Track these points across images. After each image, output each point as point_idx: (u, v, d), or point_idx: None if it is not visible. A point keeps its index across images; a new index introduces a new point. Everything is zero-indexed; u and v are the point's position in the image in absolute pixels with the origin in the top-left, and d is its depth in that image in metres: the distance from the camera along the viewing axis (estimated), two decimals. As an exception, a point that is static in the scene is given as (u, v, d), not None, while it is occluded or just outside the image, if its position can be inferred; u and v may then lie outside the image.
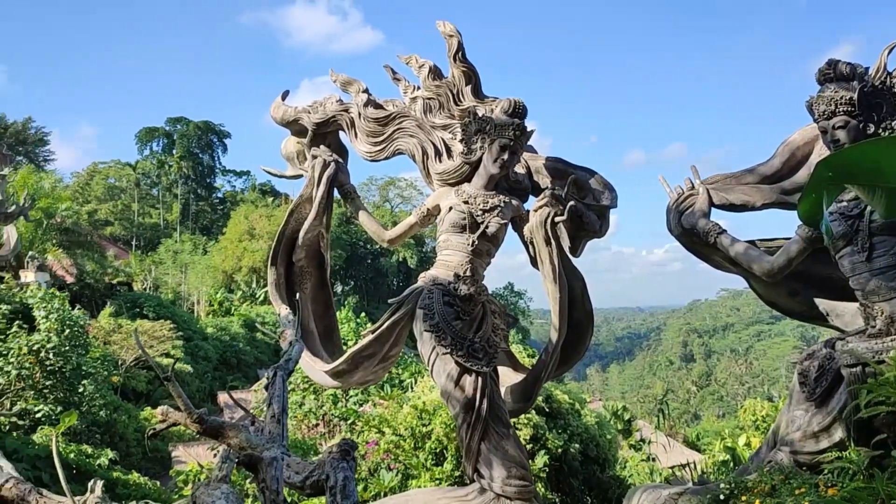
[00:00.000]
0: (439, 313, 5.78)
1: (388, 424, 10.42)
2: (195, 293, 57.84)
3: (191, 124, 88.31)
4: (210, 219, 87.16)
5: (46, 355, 16.27)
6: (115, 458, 16.87)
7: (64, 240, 40.15)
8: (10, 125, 72.96)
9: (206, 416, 3.27)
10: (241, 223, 64.42)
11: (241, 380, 38.21)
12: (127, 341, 28.49)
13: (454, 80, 6.57)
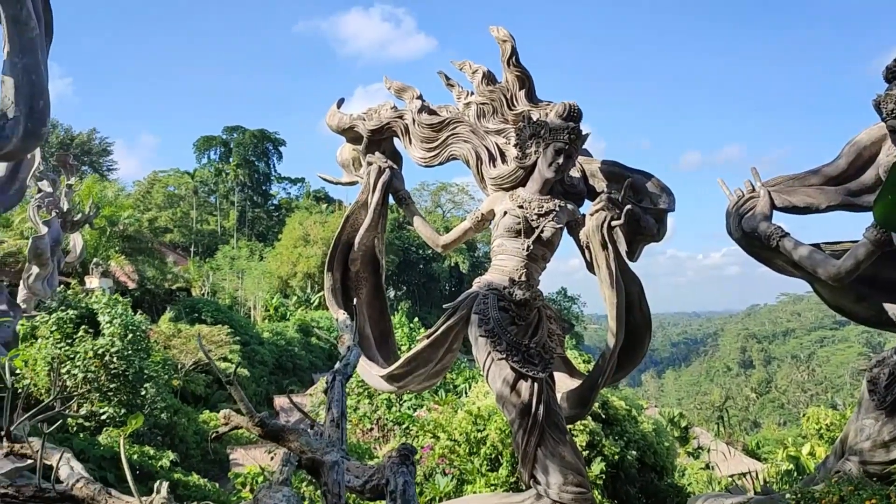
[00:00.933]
0: (494, 319, 5.77)
1: (442, 429, 10.44)
2: (251, 298, 58.85)
3: (247, 133, 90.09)
4: (266, 225, 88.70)
5: (111, 359, 16.78)
6: (176, 460, 17.29)
7: (126, 247, 41.32)
8: (76, 136, 75.69)
9: (268, 419, 3.32)
10: (296, 229, 65.39)
11: (296, 384, 38.71)
12: (186, 345, 29.15)
13: (508, 84, 6.56)
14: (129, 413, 16.68)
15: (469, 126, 6.59)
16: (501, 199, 6.19)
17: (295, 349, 43.10)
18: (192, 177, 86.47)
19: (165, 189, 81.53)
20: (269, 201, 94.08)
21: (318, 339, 47.73)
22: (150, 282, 41.43)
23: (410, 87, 7.10)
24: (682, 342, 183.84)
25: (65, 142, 70.00)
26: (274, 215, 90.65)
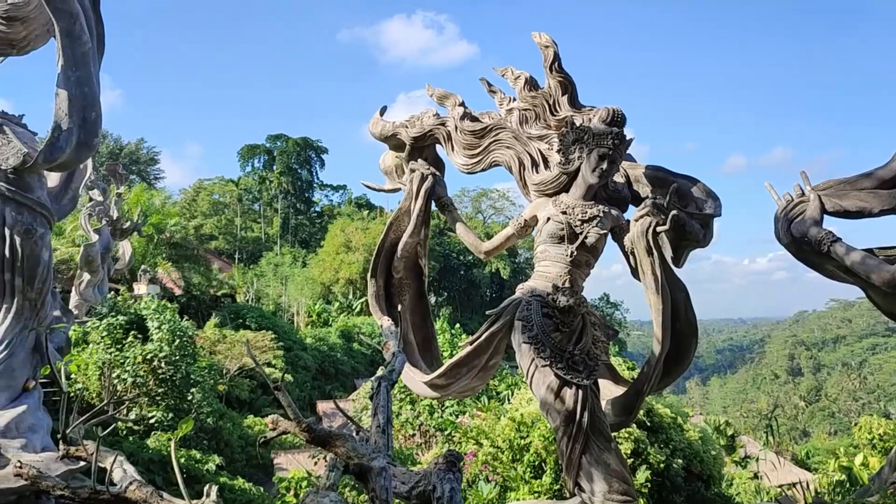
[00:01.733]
0: (538, 325, 5.74)
1: (485, 436, 10.42)
2: (294, 304, 59.55)
3: (290, 141, 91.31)
4: (308, 232, 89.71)
5: (159, 364, 17.12)
6: (222, 464, 17.56)
7: (173, 254, 42.17)
8: (125, 146, 77.55)
9: (314, 425, 3.35)
10: (338, 236, 66.05)
11: (338, 389, 39.05)
12: (231, 351, 29.60)
13: (550, 90, 6.53)
14: (176, 417, 17.02)
15: (511, 132, 6.58)
16: (544, 204, 6.17)
17: (337, 354, 43.49)
18: (237, 185, 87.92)
19: (210, 197, 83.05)
20: (311, 208, 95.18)
21: (359, 345, 48.06)
22: (196, 288, 42.21)
23: (453, 95, 7.12)
24: (727, 349, 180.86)
25: (114, 151, 71.75)
26: (316, 222, 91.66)
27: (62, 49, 8.16)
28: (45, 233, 9.33)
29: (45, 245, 9.30)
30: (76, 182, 11.08)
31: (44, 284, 9.44)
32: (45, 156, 8.55)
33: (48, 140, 8.47)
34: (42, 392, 9.96)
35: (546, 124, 6.56)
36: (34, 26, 8.96)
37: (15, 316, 9.25)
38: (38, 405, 9.52)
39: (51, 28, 8.49)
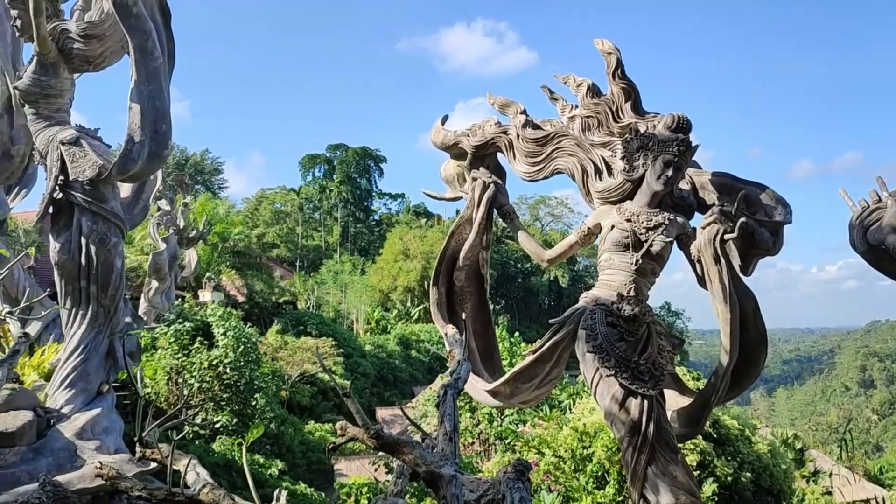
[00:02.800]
0: (602, 334, 5.69)
1: (547, 445, 10.34)
2: (354, 312, 60.15)
3: (349, 150, 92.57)
4: (367, 240, 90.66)
5: (224, 370, 17.50)
6: (284, 469, 17.83)
7: (236, 261, 43.07)
8: (191, 157, 79.75)
9: (382, 432, 3.39)
10: (396, 244, 66.54)
11: (397, 396, 39.25)
12: (292, 357, 30.05)
13: (613, 96, 6.49)
14: (240, 422, 17.36)
15: (574, 139, 6.54)
16: (608, 212, 6.11)
17: (396, 362, 43.72)
18: (298, 194, 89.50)
19: (272, 206, 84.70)
20: (370, 217, 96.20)
21: (418, 353, 48.29)
22: (259, 295, 43.01)
23: (514, 102, 7.13)
24: (794, 359, 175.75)
25: (180, 162, 73.78)
26: (375, 230, 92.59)
27: (135, 64, 8.46)
28: (119, 242, 9.66)
29: (118, 253, 9.64)
30: (147, 192, 11.47)
31: (117, 291, 9.78)
32: (119, 167, 8.87)
33: (122, 152, 8.79)
34: (115, 395, 10.31)
35: (609, 131, 6.51)
36: (109, 43, 9.31)
37: (90, 322, 9.61)
38: (112, 408, 9.85)
39: (125, 44, 8.81)
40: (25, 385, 9.70)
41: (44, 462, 7.88)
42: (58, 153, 9.16)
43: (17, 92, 9.56)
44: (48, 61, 9.26)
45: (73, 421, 8.87)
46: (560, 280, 73.37)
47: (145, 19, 8.22)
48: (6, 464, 7.60)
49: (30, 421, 8.22)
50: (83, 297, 9.53)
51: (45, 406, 9.01)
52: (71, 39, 9.18)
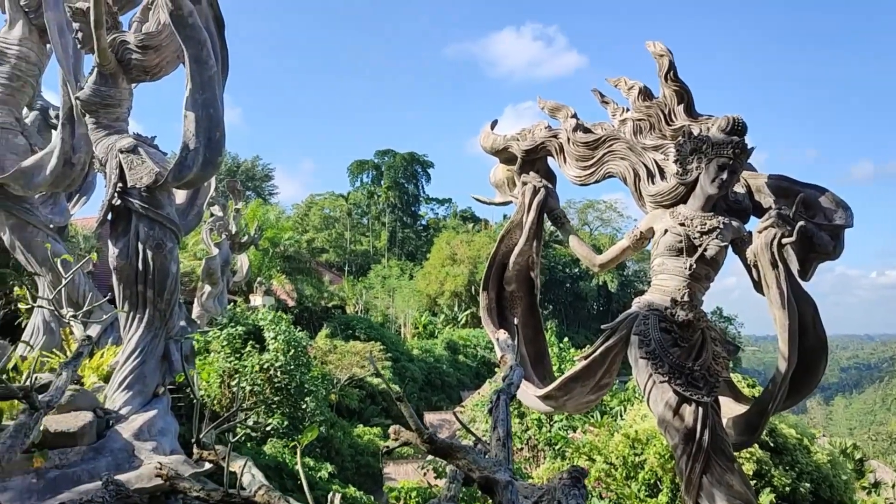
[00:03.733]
0: (655, 340, 5.61)
1: (598, 452, 10.23)
2: (402, 316, 60.44)
3: (397, 156, 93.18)
4: (415, 245, 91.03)
5: (275, 373, 17.73)
6: (334, 472, 17.98)
7: (286, 266, 43.67)
8: (242, 163, 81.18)
9: (436, 436, 3.38)
10: (444, 249, 66.64)
11: (444, 401, 39.28)
12: (341, 361, 30.31)
13: (665, 99, 6.40)
14: (291, 425, 17.56)
15: (625, 143, 6.47)
16: (661, 216, 6.03)
17: (443, 366, 43.76)
18: (346, 199, 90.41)
19: (321, 211, 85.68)
20: (417, 222, 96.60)
21: (465, 357, 48.27)
22: (308, 300, 43.52)
23: (564, 106, 7.09)
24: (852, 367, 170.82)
25: (232, 169, 75.14)
26: (422, 235, 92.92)
27: (190, 74, 8.65)
28: (174, 247, 9.87)
29: (173, 259, 9.85)
30: (201, 199, 11.70)
31: (172, 296, 9.99)
32: (175, 174, 9.07)
33: (177, 159, 8.99)
34: (170, 398, 10.52)
35: (661, 134, 6.43)
36: (166, 54, 9.54)
37: (147, 325, 9.83)
38: (167, 410, 10.06)
39: (180, 55, 9.02)
40: (86, 386, 9.97)
41: (103, 462, 8.07)
42: (117, 161, 9.41)
43: (79, 102, 9.85)
44: (108, 72, 9.52)
45: (131, 422, 9.08)
46: (609, 285, 72.61)
47: (200, 29, 8.40)
48: (68, 462, 7.80)
49: (90, 421, 8.44)
50: (140, 301, 9.76)
51: (104, 407, 9.25)
52: (129, 50, 9.43)
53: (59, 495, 7.04)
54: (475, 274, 61.07)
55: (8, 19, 12.63)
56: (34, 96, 13.45)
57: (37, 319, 13.15)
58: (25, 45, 12.59)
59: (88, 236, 27.98)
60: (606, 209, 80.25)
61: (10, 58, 12.52)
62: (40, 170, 11.55)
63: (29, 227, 12.67)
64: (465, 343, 50.46)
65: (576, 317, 75.65)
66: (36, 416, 3.65)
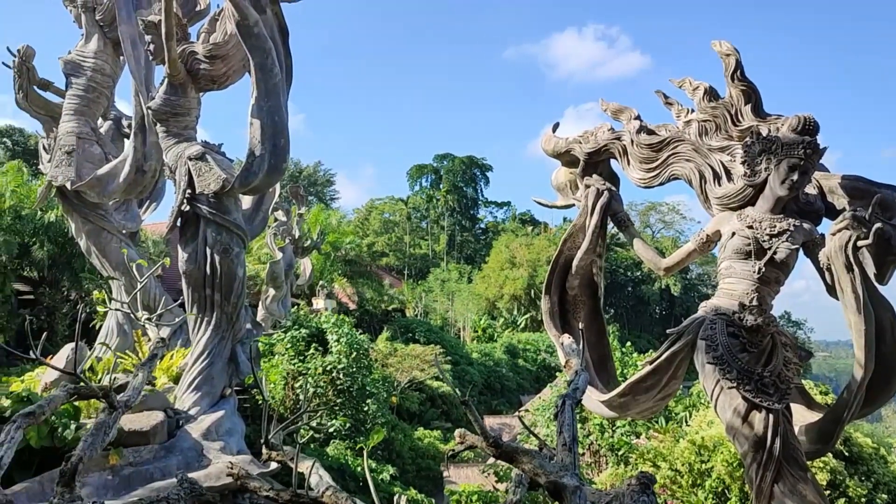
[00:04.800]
0: (723, 345, 5.49)
1: (663, 458, 10.05)
2: (461, 319, 60.52)
3: (456, 160, 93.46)
4: (473, 248, 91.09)
5: (337, 375, 17.95)
6: (395, 474, 18.09)
7: (347, 270, 44.20)
8: (304, 169, 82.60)
9: (501, 440, 3.39)
10: (503, 252, 66.47)
11: (504, 405, 39.14)
12: (401, 364, 30.50)
13: (732, 99, 6.27)
14: (353, 427, 17.76)
15: (691, 144, 6.36)
16: (728, 219, 5.90)
17: (503, 370, 43.60)
18: (406, 203, 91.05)
19: (381, 216, 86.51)
20: (476, 225, 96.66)
21: (525, 361, 48.03)
22: (369, 303, 43.95)
23: (628, 108, 7.01)
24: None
25: (294, 174, 76.46)
26: (481, 238, 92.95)
27: (256, 82, 8.86)
28: (241, 252, 10.11)
29: (240, 263, 10.09)
30: (266, 204, 11.95)
31: (239, 299, 10.24)
32: (241, 180, 9.30)
33: (243, 166, 9.21)
34: (236, 399, 10.76)
35: (728, 135, 6.30)
36: (232, 62, 9.80)
37: (214, 328, 10.09)
38: (234, 411, 10.29)
39: (246, 63, 9.25)
40: (157, 387, 10.28)
41: (174, 460, 8.32)
42: (186, 168, 9.70)
43: (150, 112, 10.19)
44: (177, 82, 9.83)
45: (200, 422, 9.33)
46: (672, 289, 71.27)
47: (265, 38, 8.59)
48: (141, 460, 8.06)
49: (162, 421, 8.71)
50: (208, 305, 10.03)
51: (174, 407, 9.53)
52: (198, 60, 9.72)
53: (134, 492, 7.28)
54: (535, 277, 60.76)
55: (84, 34, 13.18)
56: (108, 107, 13.99)
57: (111, 322, 13.64)
58: (100, 58, 13.12)
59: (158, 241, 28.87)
60: (669, 211, 78.84)
61: (86, 70, 13.07)
62: (114, 177, 11.99)
63: (104, 233, 13.17)
64: (524, 347, 50.22)
65: (637, 321, 74.51)
66: (115, 416, 3.78)
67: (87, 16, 13.12)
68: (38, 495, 6.73)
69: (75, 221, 13.28)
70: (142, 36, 10.40)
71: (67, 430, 7.52)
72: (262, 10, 8.60)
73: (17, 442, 3.48)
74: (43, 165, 13.85)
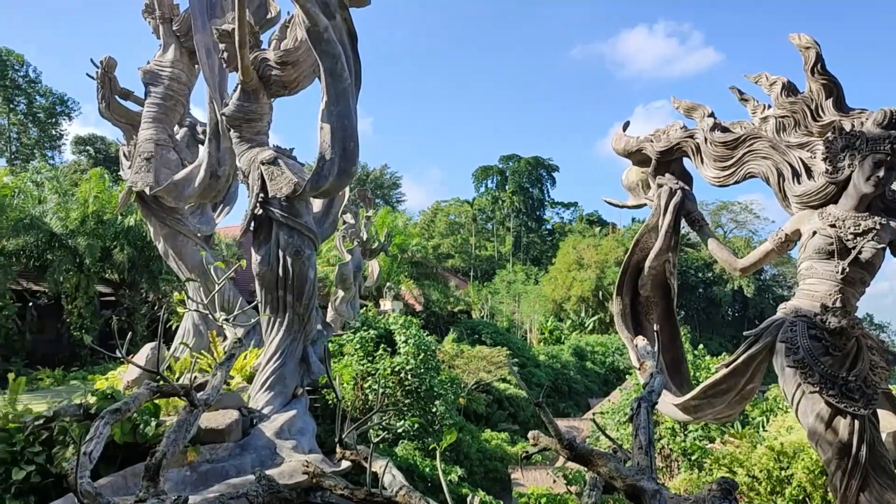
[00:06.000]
0: (804, 348, 5.30)
1: (740, 464, 9.77)
2: (527, 321, 60.23)
3: (522, 160, 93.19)
4: (540, 250, 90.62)
5: (406, 376, 18.08)
6: (463, 476, 18.10)
7: (414, 272, 44.60)
8: (371, 172, 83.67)
9: (576, 442, 3.35)
10: (570, 253, 65.89)
11: (572, 408, 38.77)
12: (468, 365, 30.52)
13: (812, 94, 6.05)
14: (422, 428, 17.85)
15: (768, 141, 6.17)
16: (809, 217, 5.70)
17: (570, 372, 43.21)
18: (471, 205, 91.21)
19: (447, 217, 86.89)
20: (542, 226, 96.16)
21: (593, 364, 47.49)
22: (435, 304, 44.21)
23: (701, 106, 6.85)
24: None
25: (361, 177, 77.52)
26: (547, 240, 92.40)
27: (325, 87, 9.00)
28: (312, 254, 10.29)
29: (311, 265, 10.27)
30: (336, 207, 12.14)
31: (310, 300, 10.42)
32: (312, 184, 9.46)
33: (314, 170, 9.37)
34: (308, 398, 10.95)
35: (807, 131, 6.08)
36: (303, 68, 9.99)
37: (287, 329, 10.29)
38: (306, 410, 10.47)
39: (316, 69, 9.41)
40: (231, 386, 10.55)
41: (248, 458, 8.52)
42: (258, 172, 9.93)
43: (224, 118, 10.48)
44: (250, 88, 10.08)
45: (273, 421, 9.53)
46: (745, 290, 69.49)
47: (335, 44, 8.73)
48: (217, 458, 8.28)
49: (236, 419, 8.94)
50: (280, 306, 10.24)
51: (248, 406, 9.76)
52: (270, 67, 9.95)
53: (211, 488, 7.48)
54: (602, 279, 60.03)
55: (162, 44, 13.66)
56: (184, 114, 14.45)
57: (187, 323, 14.07)
58: (177, 67, 13.57)
59: (230, 244, 29.67)
60: (742, 210, 76.84)
61: (163, 79, 13.53)
62: (190, 182, 12.36)
63: (180, 237, 13.60)
64: (592, 349, 49.66)
65: (709, 323, 72.85)
66: (195, 414, 3.89)
67: (165, 27, 13.60)
68: (122, 489, 6.99)
69: (153, 225, 13.75)
70: (216, 44, 10.69)
71: (148, 427, 7.80)
72: (331, 16, 8.73)
73: (105, 437, 3.61)
74: (123, 172, 14.39)
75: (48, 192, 25.95)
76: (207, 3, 11.69)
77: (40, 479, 7.29)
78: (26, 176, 28.10)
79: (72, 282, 24.76)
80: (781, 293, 72.59)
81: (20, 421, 7.81)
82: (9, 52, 52.21)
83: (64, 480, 6.95)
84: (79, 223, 24.88)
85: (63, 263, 24.31)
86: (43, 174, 28.50)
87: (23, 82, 53.77)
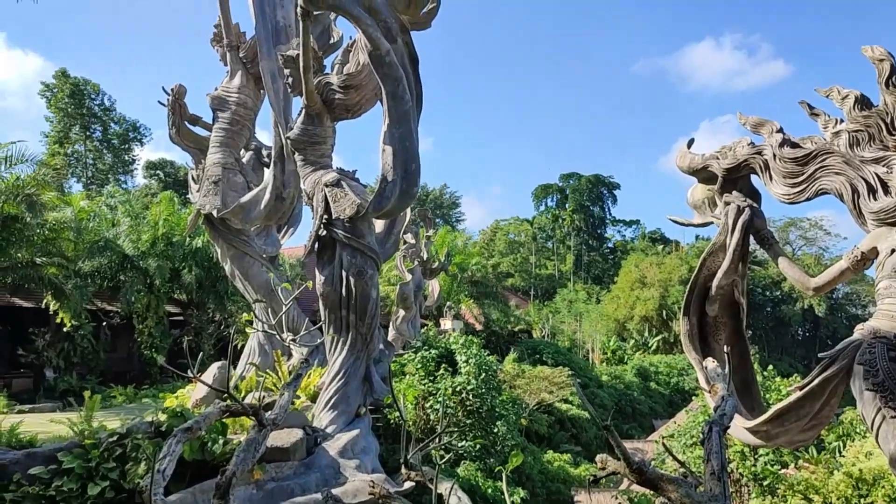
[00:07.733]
0: (884, 370, 5.08)
1: (815, 491, 9.39)
2: (589, 341, 59.47)
3: (582, 179, 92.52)
4: (601, 268, 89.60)
5: (467, 396, 18.02)
6: (525, 497, 17.89)
7: (474, 291, 44.58)
8: (430, 192, 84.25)
9: (646, 466, 3.28)
10: (632, 272, 64.93)
11: (636, 429, 38.03)
12: (529, 386, 30.28)
13: (887, 107, 5.85)
14: (484, 448, 17.74)
15: (840, 156, 5.98)
16: (886, 235, 5.49)
17: (634, 393, 42.43)
18: (531, 224, 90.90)
19: (507, 236, 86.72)
20: (604, 244, 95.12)
21: (657, 385, 46.55)
22: (495, 324, 44.04)
23: (769, 121, 6.69)
24: None
25: (421, 197, 78.10)
26: (609, 258, 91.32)
27: (387, 109, 9.14)
28: (374, 274, 10.40)
29: (374, 285, 10.38)
30: (397, 227, 12.25)
31: (373, 320, 10.52)
32: (375, 205, 9.59)
33: (376, 191, 9.49)
34: (370, 417, 11.01)
35: (883, 145, 5.87)
36: (365, 92, 10.16)
37: (350, 348, 10.40)
38: (369, 430, 10.54)
39: (378, 92, 9.57)
40: (296, 405, 10.69)
41: (312, 477, 8.61)
42: (322, 194, 10.11)
43: (289, 141, 10.72)
44: (314, 112, 10.30)
45: (336, 440, 9.62)
46: (816, 309, 67.17)
47: (396, 67, 8.85)
48: (282, 476, 8.39)
49: (301, 438, 9.04)
50: (344, 326, 10.36)
51: (312, 425, 9.87)
52: (333, 91, 10.15)
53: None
54: (666, 298, 58.92)
55: (229, 70, 14.09)
56: (250, 138, 14.85)
57: (252, 342, 14.35)
58: (243, 93, 13.96)
59: (294, 265, 30.19)
60: (811, 227, 74.53)
61: (230, 105, 13.94)
62: (256, 204, 12.66)
63: (246, 258, 13.92)
64: (656, 370, 48.70)
65: (778, 343, 70.68)
66: (264, 433, 3.95)
67: (232, 54, 14.03)
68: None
69: (220, 247, 14.11)
70: (281, 70, 10.96)
71: (216, 445, 7.95)
72: (392, 40, 8.87)
73: (178, 455, 3.70)
74: (192, 195, 14.83)
75: (121, 215, 26.94)
76: (273, 29, 12.02)
77: (114, 494, 7.49)
78: (101, 200, 29.27)
79: (143, 302, 25.56)
80: (855, 312, 69.98)
81: (95, 437, 8.05)
82: (86, 82, 54.64)
83: (137, 496, 7.13)
84: (149, 245, 25.72)
85: (135, 284, 25.13)
86: (116, 198, 29.63)
87: (98, 110, 56.17)
